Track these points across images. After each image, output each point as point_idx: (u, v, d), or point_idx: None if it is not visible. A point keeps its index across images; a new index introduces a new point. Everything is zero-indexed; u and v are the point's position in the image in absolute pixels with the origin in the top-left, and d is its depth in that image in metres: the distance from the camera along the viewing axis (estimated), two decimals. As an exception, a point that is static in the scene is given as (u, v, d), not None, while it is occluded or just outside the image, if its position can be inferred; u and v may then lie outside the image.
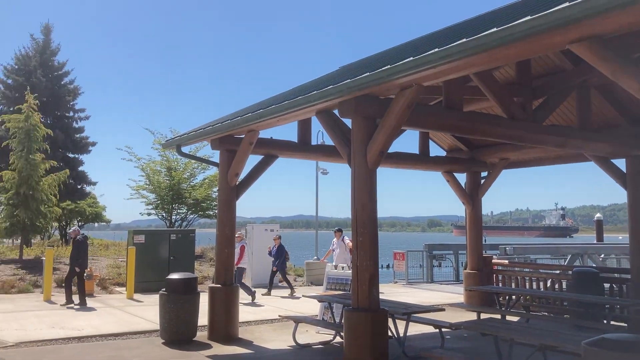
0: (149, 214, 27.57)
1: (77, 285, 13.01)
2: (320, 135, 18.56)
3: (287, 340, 9.09)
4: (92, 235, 45.01)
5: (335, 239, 14.66)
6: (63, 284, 13.50)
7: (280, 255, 15.23)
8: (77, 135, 44.26)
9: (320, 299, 9.55)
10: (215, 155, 10.32)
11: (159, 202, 26.35)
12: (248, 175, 10.07)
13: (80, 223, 33.05)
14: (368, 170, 6.71)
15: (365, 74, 6.10)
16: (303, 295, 11.06)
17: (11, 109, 37.81)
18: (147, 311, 11.76)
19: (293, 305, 13.22)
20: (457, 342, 9.24)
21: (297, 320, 9.17)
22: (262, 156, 10.09)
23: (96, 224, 39.81)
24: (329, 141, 17.75)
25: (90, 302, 13.08)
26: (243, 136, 9.33)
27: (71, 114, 45.82)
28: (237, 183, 9.82)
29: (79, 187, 40.49)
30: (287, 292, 15.56)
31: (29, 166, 19.67)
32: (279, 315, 10.42)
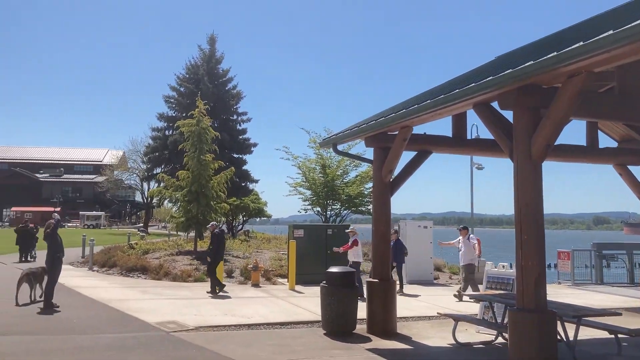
0: (305, 210, 28.79)
1: (209, 275, 14.06)
2: (474, 128, 17.96)
3: (445, 337, 8.97)
4: (255, 230, 48.20)
5: (460, 237, 14.13)
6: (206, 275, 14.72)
7: (399, 251, 15.03)
8: (241, 137, 47.60)
9: (480, 298, 9.27)
10: (368, 152, 10.50)
11: (314, 198, 27.40)
12: (402, 172, 10.08)
13: (244, 218, 35.51)
14: (532, 164, 6.36)
15: (529, 63, 5.78)
16: (463, 294, 10.82)
17: (184, 114, 41.86)
18: (308, 302, 12.33)
19: (448, 303, 12.98)
20: (636, 350, 8.41)
21: (457, 318, 8.99)
22: (416, 152, 10.03)
23: (257, 219, 42.43)
24: (483, 135, 17.05)
25: (256, 292, 14.06)
26: (396, 133, 9.36)
27: (235, 117, 49.40)
28: (391, 179, 9.88)
29: (243, 184, 43.54)
30: (433, 289, 15.30)
31: (200, 166, 21.61)
32: (438, 313, 10.30)
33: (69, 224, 72.46)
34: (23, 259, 21.28)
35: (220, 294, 13.56)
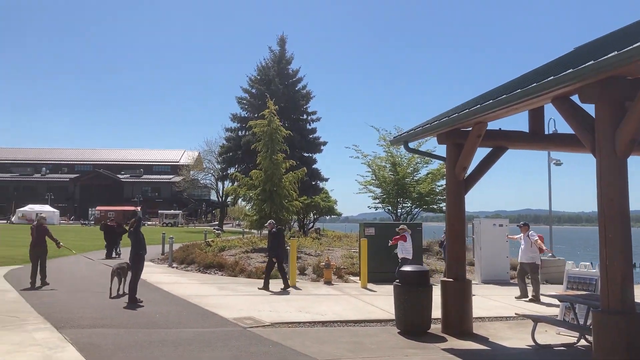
0: (376, 208, 28.77)
1: (280, 272, 14.33)
2: (551, 123, 17.27)
3: (524, 339, 8.71)
4: (325, 227, 48.64)
5: (521, 234, 13.58)
6: (263, 272, 14.90)
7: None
8: (310, 136, 48.09)
9: (561, 298, 8.93)
10: (439, 149, 10.36)
11: (384, 196, 27.32)
12: (476, 169, 9.87)
13: (315, 216, 35.90)
14: (617, 160, 6.07)
15: (613, 54, 5.51)
16: (542, 294, 10.46)
17: (255, 115, 42.83)
18: (381, 300, 12.33)
19: (524, 303, 12.57)
20: None
21: (536, 319, 8.71)
22: (491, 148, 9.79)
23: (327, 217, 42.84)
24: (561, 129, 16.33)
25: (328, 289, 14.21)
26: (470, 129, 9.18)
27: (304, 116, 49.98)
28: (465, 177, 9.70)
29: (313, 183, 44.00)
30: (509, 289, 14.82)
31: (273, 165, 22.09)
32: (515, 314, 10.02)
33: (148, 223, 75.85)
34: (109, 256, 22.52)
35: (294, 290, 13.81)
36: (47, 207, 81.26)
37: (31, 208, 79.31)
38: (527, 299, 12.94)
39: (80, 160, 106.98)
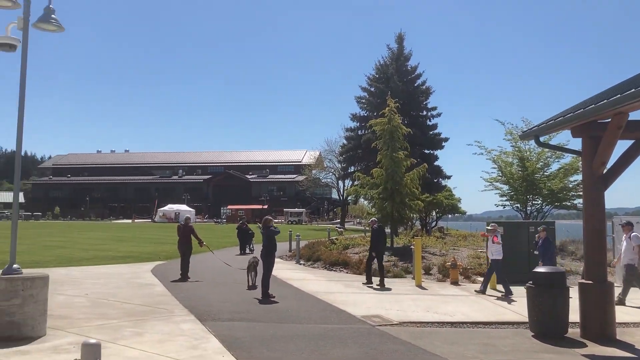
0: (503, 206, 27.65)
1: (378, 268, 14.53)
2: None
3: (678, 348, 7.97)
4: (449, 226, 47.58)
5: (624, 235, 12.15)
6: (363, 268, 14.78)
7: (547, 250, 13.17)
8: (431, 132, 47.36)
9: None
10: (572, 143, 9.76)
11: (512, 193, 26.16)
12: (616, 163, 9.21)
13: (438, 214, 35.27)
14: None
15: None
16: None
17: (375, 113, 42.97)
18: (512, 303, 11.89)
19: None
20: None
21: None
22: (633, 141, 9.08)
23: (450, 215, 41.88)
24: None
25: (455, 290, 13.96)
26: (608, 120, 8.57)
27: (424, 112, 49.32)
28: (604, 172, 9.07)
29: (435, 181, 43.31)
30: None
31: (394, 163, 22.03)
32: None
33: (275, 221, 79.05)
34: (242, 252, 24.02)
35: (420, 290, 13.74)
36: (184, 207, 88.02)
37: (170, 208, 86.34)
38: None
39: (213, 163, 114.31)
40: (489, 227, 14.24)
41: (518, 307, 11.17)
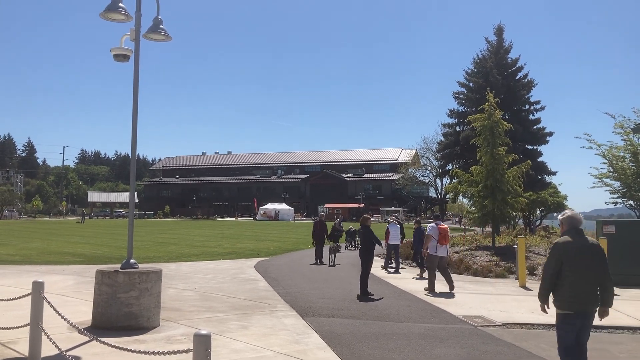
0: (615, 204, 25.90)
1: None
2: None
3: None
4: (554, 225, 45.14)
5: None
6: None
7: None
8: (534, 127, 45.30)
9: None
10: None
11: (624, 190, 24.44)
12: None
13: (542, 212, 33.68)
14: None
15: None
16: None
17: (473, 109, 41.77)
18: (628, 306, 11.15)
19: None
20: None
21: None
22: None
23: (555, 214, 39.82)
24: None
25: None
26: None
27: (526, 107, 47.27)
28: None
29: (539, 177, 41.37)
30: None
31: (494, 160, 21.29)
32: None
33: (372, 219, 79.13)
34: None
35: (524, 291, 13.23)
36: (283, 205, 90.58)
37: (271, 206, 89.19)
38: None
39: (310, 162, 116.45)
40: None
41: (634, 311, 10.45)
